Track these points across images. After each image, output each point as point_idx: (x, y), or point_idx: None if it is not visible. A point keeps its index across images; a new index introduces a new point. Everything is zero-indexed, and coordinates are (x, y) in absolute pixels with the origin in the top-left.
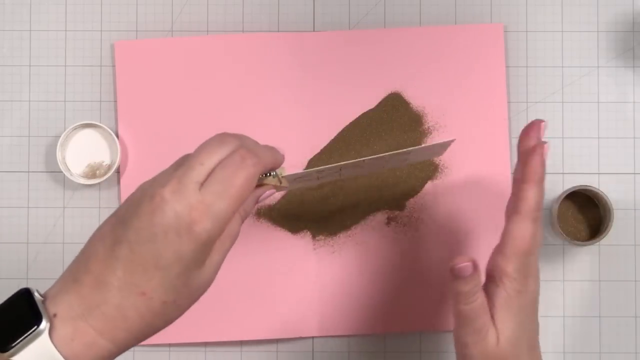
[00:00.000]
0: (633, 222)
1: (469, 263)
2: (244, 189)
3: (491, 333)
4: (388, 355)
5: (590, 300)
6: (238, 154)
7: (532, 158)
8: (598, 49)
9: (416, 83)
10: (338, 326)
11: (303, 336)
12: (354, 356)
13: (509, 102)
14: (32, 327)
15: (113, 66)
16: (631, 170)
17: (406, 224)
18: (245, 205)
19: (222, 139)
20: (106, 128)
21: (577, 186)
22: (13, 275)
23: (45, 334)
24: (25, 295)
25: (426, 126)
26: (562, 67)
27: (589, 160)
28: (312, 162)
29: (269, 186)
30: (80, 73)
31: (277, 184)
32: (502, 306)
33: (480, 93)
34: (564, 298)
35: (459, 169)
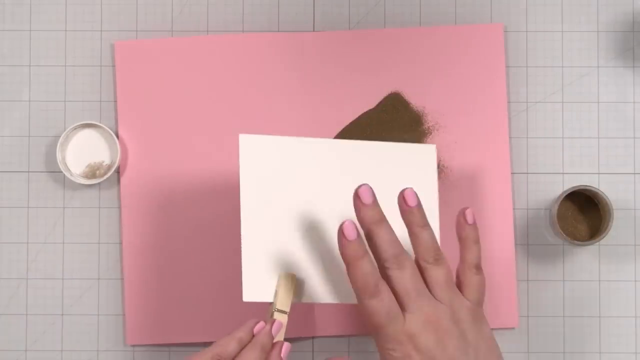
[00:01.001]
0: (633, 222)
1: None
2: None
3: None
4: None
5: (590, 300)
6: None
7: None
8: (598, 49)
9: (416, 83)
10: (338, 326)
11: (303, 336)
12: (354, 356)
13: (509, 102)
14: None
15: (113, 66)
16: (631, 170)
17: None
18: None
19: None
20: (106, 128)
21: (577, 186)
22: (13, 275)
23: None
24: None
25: (426, 126)
26: (562, 67)
27: (589, 160)
28: None
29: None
30: (80, 73)
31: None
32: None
33: (480, 93)
34: (564, 298)
35: (459, 169)
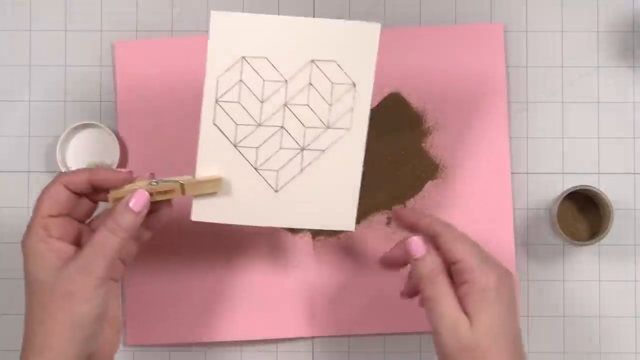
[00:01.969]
0: (633, 222)
1: (419, 241)
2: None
3: (462, 320)
4: (388, 355)
5: (590, 300)
6: None
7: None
8: (598, 49)
9: (416, 83)
10: (338, 326)
11: (303, 336)
12: (354, 356)
13: (509, 102)
14: None
15: (113, 66)
16: (631, 170)
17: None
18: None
19: None
20: (106, 128)
21: (577, 186)
22: (13, 275)
23: None
24: None
25: (426, 126)
26: (562, 67)
27: (589, 160)
28: None
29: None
30: (80, 73)
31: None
32: (476, 298)
33: (480, 93)
34: (564, 298)
35: (459, 169)
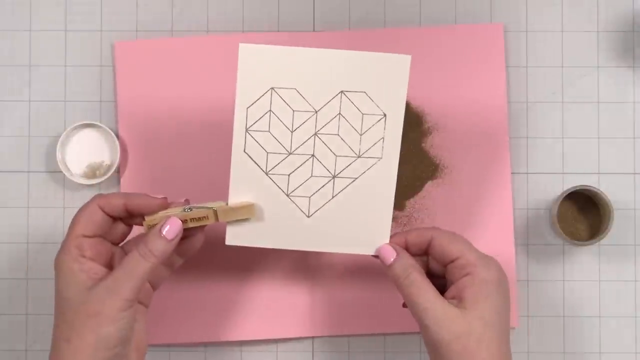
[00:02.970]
0: (633, 222)
1: (388, 247)
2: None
3: (449, 309)
4: (388, 355)
5: (590, 300)
6: None
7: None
8: (598, 49)
9: (416, 83)
10: (337, 326)
11: (303, 336)
12: (354, 356)
13: (509, 102)
14: None
15: (113, 66)
16: (631, 170)
17: (406, 224)
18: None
19: None
20: (106, 128)
21: (577, 186)
22: (13, 275)
23: None
24: None
25: (426, 126)
26: (562, 67)
27: (589, 160)
28: None
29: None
30: (80, 73)
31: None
32: (476, 289)
33: (480, 93)
34: (564, 298)
35: (459, 169)
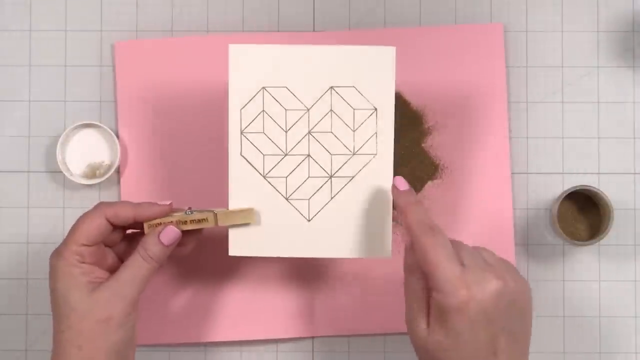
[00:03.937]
0: (633, 222)
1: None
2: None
3: (421, 321)
4: (388, 355)
5: (590, 300)
6: None
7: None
8: (598, 49)
9: (416, 83)
10: (337, 326)
11: (303, 336)
12: (354, 356)
13: (509, 102)
14: None
15: (113, 66)
16: (631, 170)
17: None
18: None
19: None
20: (106, 128)
21: (577, 186)
22: (13, 275)
23: None
24: None
25: (426, 126)
26: (562, 67)
27: (589, 160)
28: None
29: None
30: (80, 73)
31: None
32: (434, 310)
33: (480, 93)
34: (564, 298)
35: (459, 169)
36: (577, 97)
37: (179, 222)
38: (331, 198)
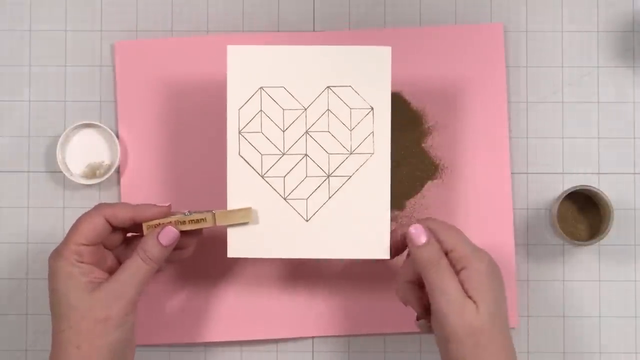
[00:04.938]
0: (633, 222)
1: (420, 227)
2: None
3: (469, 304)
4: (388, 355)
5: (590, 300)
6: None
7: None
8: (598, 49)
9: (416, 83)
10: (338, 326)
11: (303, 336)
12: (354, 356)
13: (509, 102)
14: None
15: (113, 66)
16: (631, 170)
17: (406, 224)
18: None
19: None
20: (106, 128)
21: (577, 186)
22: (13, 275)
23: None
24: None
25: (426, 126)
26: (562, 67)
27: (589, 160)
28: None
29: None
30: (80, 73)
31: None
32: (474, 284)
33: (480, 93)
34: (564, 298)
35: (459, 169)
36: (577, 97)
37: (178, 223)
38: (329, 197)
